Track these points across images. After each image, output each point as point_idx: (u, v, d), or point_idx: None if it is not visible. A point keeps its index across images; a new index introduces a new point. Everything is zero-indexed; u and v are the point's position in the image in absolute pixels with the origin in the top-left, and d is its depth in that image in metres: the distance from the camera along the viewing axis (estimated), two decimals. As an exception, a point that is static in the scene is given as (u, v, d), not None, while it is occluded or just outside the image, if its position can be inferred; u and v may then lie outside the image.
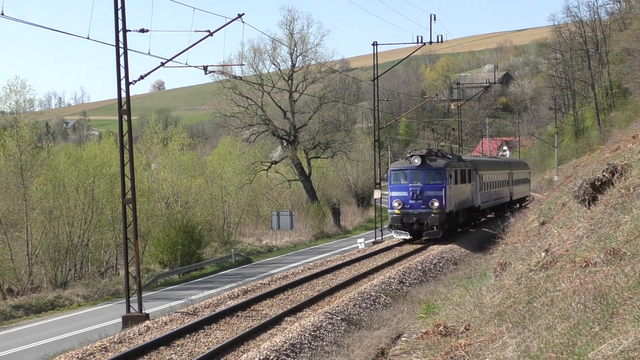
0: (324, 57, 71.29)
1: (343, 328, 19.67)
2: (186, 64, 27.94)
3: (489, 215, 50.54)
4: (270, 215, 59.72)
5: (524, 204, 59.65)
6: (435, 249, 33.96)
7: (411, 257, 32.93)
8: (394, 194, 35.83)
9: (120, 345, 18.38)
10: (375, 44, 46.79)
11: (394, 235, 37.00)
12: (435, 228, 35.11)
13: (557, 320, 9.82)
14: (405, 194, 35.43)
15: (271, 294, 24.05)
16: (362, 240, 48.48)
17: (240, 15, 27.15)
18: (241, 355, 16.60)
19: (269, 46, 69.63)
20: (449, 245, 34.93)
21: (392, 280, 26.19)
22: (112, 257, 50.60)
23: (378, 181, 49.16)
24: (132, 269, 26.31)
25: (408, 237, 36.18)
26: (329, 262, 32.88)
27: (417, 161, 35.63)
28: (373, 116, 49.48)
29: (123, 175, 25.77)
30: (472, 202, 41.32)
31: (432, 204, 35.05)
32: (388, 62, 72.37)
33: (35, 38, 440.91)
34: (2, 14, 19.94)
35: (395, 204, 35.50)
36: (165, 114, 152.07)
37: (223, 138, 78.10)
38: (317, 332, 18.62)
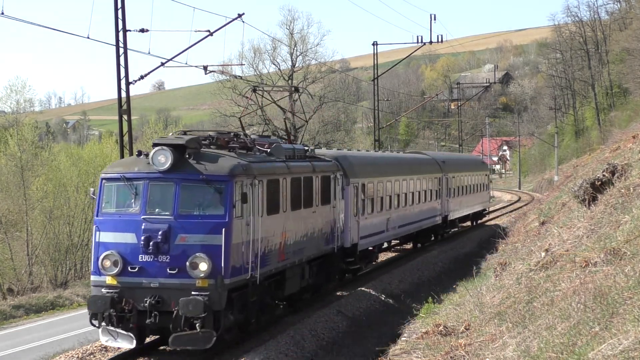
0: (324, 57, 71.41)
1: (343, 328, 19.69)
2: (186, 63, 28.13)
3: (405, 247, 34.45)
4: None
5: (478, 221, 44.71)
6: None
7: None
8: (105, 237, 16.11)
9: (120, 345, 18.33)
10: (375, 44, 46.87)
11: (101, 339, 15.96)
12: (198, 325, 15.07)
13: (557, 320, 9.83)
14: (130, 238, 15.87)
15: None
16: None
17: (240, 15, 27.24)
18: (241, 355, 16.59)
19: (269, 46, 69.74)
20: None
21: (392, 280, 26.25)
22: (112, 257, 50.64)
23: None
24: (132, 268, 26.28)
25: (133, 344, 15.72)
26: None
27: (163, 160, 15.88)
28: (373, 116, 49.43)
29: (123, 175, 25.75)
30: (333, 241, 22.21)
31: (195, 264, 15.46)
32: (388, 62, 72.25)
33: (35, 38, 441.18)
34: (2, 13, 19.99)
35: (107, 263, 15.84)
36: (165, 114, 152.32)
37: (223, 138, 78.03)
38: (317, 331, 18.63)
